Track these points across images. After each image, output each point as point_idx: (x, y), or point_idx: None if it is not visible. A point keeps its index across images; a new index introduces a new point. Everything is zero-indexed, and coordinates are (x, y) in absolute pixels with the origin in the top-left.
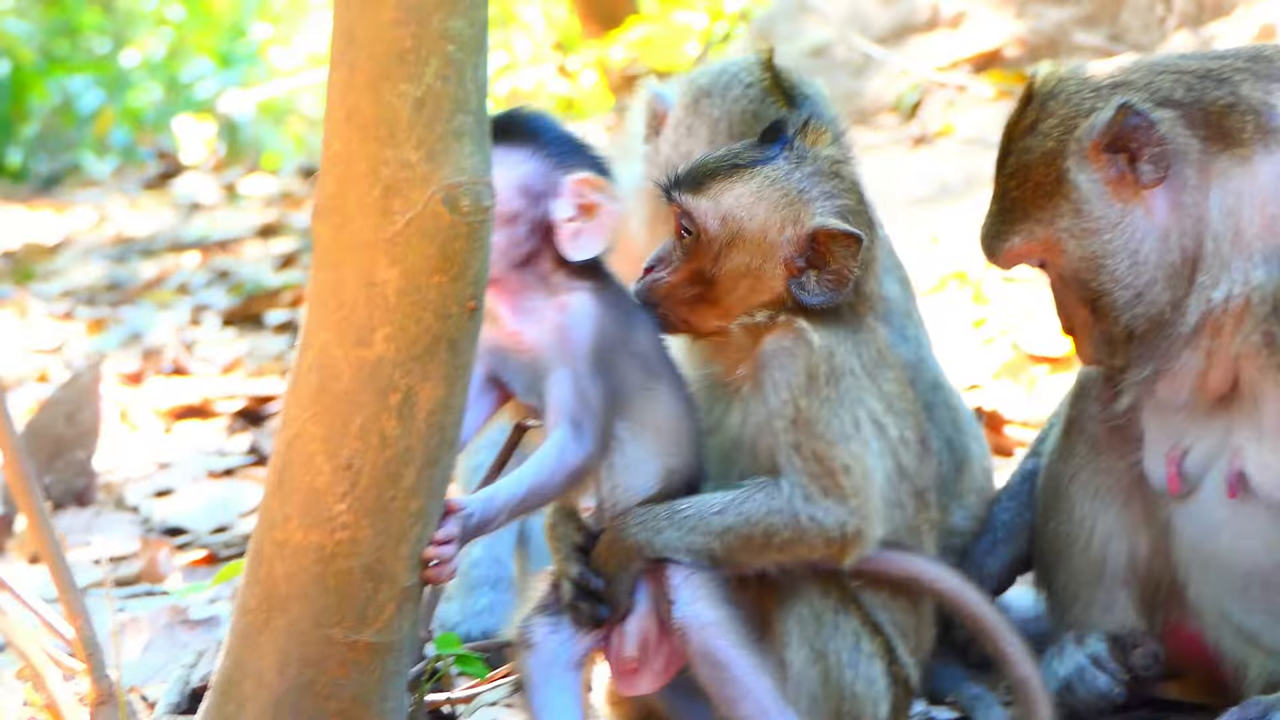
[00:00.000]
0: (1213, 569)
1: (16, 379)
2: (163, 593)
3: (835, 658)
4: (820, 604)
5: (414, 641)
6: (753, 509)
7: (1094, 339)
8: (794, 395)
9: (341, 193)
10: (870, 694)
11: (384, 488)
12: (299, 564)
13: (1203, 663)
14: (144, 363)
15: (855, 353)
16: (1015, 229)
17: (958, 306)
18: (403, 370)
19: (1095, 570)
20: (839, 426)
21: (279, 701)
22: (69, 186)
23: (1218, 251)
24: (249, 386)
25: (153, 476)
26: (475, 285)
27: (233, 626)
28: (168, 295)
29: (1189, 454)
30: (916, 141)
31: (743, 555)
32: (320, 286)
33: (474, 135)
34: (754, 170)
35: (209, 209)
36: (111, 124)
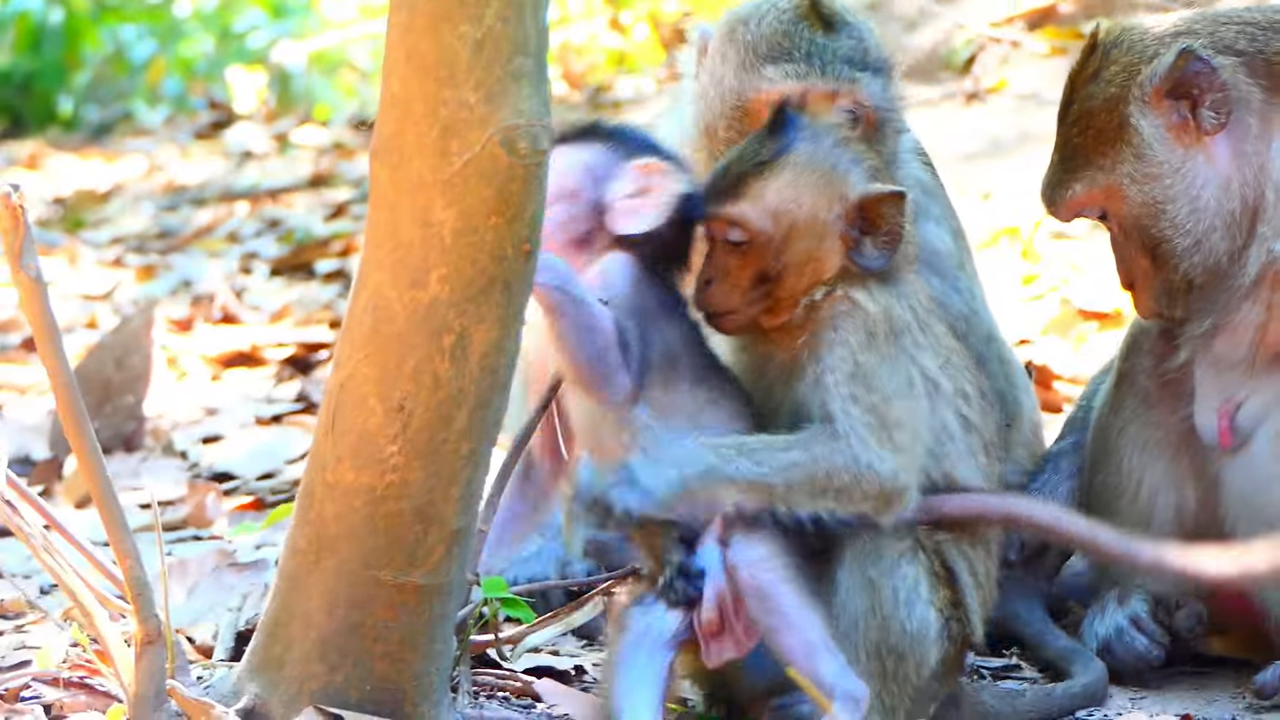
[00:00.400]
0: (1261, 523)
1: (66, 325)
2: (210, 537)
3: (889, 592)
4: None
5: (461, 584)
6: (820, 449)
7: (1154, 290)
8: (853, 352)
9: (400, 133)
10: (920, 637)
11: (435, 430)
12: (349, 505)
13: (1247, 618)
14: (193, 310)
15: (909, 307)
16: (1078, 176)
17: (1008, 262)
18: (457, 311)
19: (1142, 523)
20: (895, 384)
21: (326, 643)
22: (120, 135)
23: (1279, 203)
24: (297, 334)
25: (201, 422)
26: (531, 227)
27: (281, 568)
28: (217, 243)
29: (1242, 408)
30: (970, 97)
31: (799, 496)
32: (376, 227)
33: (532, 78)
34: (782, 160)
35: (260, 158)
36: (163, 74)
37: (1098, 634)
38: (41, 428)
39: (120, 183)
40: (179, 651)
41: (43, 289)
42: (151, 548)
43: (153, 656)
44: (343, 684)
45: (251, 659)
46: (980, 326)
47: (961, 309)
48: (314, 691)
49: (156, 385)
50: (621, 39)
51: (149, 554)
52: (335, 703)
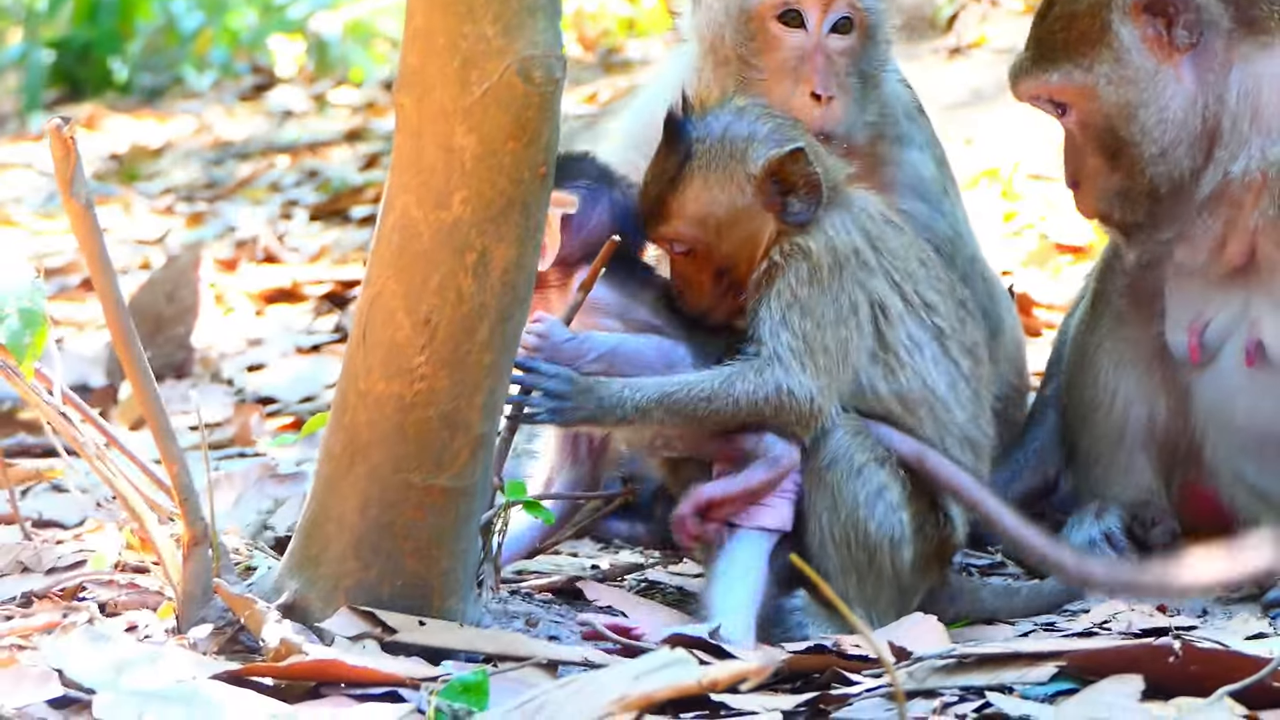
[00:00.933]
0: (1229, 433)
1: (122, 267)
2: (255, 454)
3: (848, 495)
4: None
5: (486, 487)
6: (742, 389)
7: (1105, 191)
8: (791, 286)
9: (423, 65)
10: (887, 537)
11: (460, 341)
12: (380, 412)
13: (1216, 519)
14: (238, 252)
15: (857, 228)
16: (1056, 67)
17: (989, 202)
18: (478, 231)
19: (1116, 433)
20: (833, 312)
21: (360, 541)
22: (171, 98)
23: (1235, 128)
24: (334, 273)
25: (246, 353)
26: (546, 151)
27: (317, 472)
28: (260, 192)
29: (1210, 325)
30: (952, 52)
31: (721, 423)
32: (402, 153)
33: (547, 11)
34: (687, 169)
35: (300, 117)
36: (211, 43)
37: (1072, 544)
38: (99, 359)
39: (171, 140)
40: (224, 552)
41: (93, 215)
42: (200, 464)
43: (199, 557)
44: (375, 580)
45: (291, 558)
46: (964, 248)
47: (946, 232)
48: (349, 587)
49: (204, 319)
50: (631, 6)
51: (197, 469)
52: (369, 597)
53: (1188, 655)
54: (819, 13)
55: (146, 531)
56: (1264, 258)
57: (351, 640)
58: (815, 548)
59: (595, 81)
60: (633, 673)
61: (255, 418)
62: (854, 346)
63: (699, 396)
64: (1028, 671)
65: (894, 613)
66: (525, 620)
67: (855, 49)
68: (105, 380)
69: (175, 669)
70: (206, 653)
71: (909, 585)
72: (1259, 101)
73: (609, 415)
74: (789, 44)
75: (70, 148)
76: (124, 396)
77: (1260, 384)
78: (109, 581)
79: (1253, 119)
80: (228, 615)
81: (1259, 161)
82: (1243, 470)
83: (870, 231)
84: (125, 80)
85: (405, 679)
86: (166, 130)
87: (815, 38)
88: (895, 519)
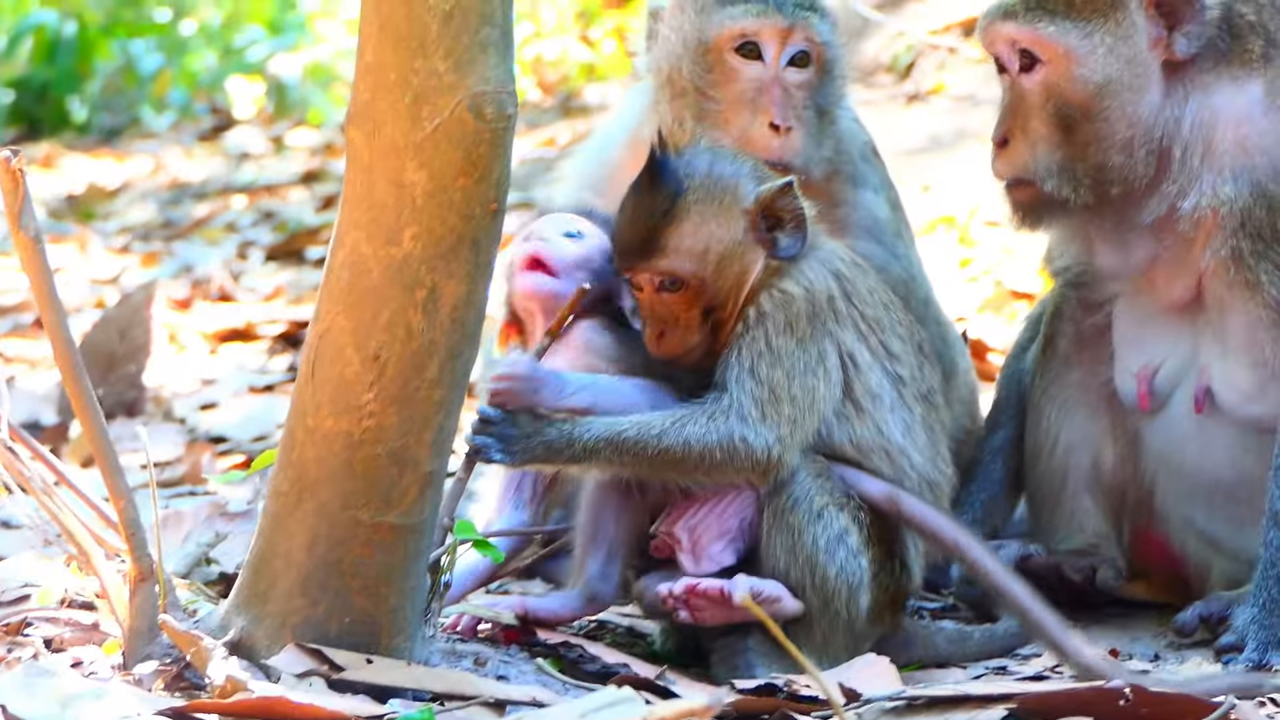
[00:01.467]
0: (1179, 479)
1: (76, 306)
2: (205, 493)
3: (809, 539)
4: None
5: (434, 525)
6: (694, 431)
7: (1040, 159)
8: (767, 334)
9: (374, 100)
10: (845, 583)
11: (409, 378)
12: (329, 449)
13: (1167, 564)
14: (193, 291)
15: (831, 274)
16: (1053, 19)
17: (946, 248)
18: (429, 267)
19: (1059, 478)
20: (802, 361)
21: (307, 578)
22: (129, 138)
23: (1185, 161)
24: (290, 313)
25: (199, 392)
26: (497, 188)
27: (265, 509)
28: (217, 232)
29: (1159, 372)
30: (910, 99)
31: (673, 473)
32: (353, 188)
33: (498, 47)
34: (682, 203)
35: (257, 158)
36: (169, 84)
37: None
38: (51, 397)
39: (128, 180)
40: (170, 589)
41: (42, 248)
42: (149, 501)
43: (146, 593)
44: (323, 617)
45: (238, 594)
46: (918, 290)
47: (900, 274)
48: (296, 624)
49: (158, 358)
50: (591, 52)
51: (146, 506)
52: (316, 634)
53: (1138, 699)
54: (777, 45)
55: (94, 567)
56: (1212, 299)
57: (298, 678)
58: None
59: (554, 125)
60: (579, 711)
61: (206, 456)
62: (820, 396)
63: (649, 435)
64: (978, 715)
65: (846, 658)
66: (474, 660)
67: (812, 83)
68: (57, 418)
69: (120, 705)
70: (152, 689)
71: (862, 632)
72: (1212, 136)
73: (558, 454)
74: (746, 76)
75: (19, 180)
76: (75, 435)
77: (1209, 431)
78: (54, 618)
79: (1204, 154)
80: (174, 652)
81: (1210, 199)
82: (1192, 517)
83: (843, 275)
84: (83, 120)
85: (351, 717)
86: (124, 170)
87: (773, 69)
88: (855, 564)
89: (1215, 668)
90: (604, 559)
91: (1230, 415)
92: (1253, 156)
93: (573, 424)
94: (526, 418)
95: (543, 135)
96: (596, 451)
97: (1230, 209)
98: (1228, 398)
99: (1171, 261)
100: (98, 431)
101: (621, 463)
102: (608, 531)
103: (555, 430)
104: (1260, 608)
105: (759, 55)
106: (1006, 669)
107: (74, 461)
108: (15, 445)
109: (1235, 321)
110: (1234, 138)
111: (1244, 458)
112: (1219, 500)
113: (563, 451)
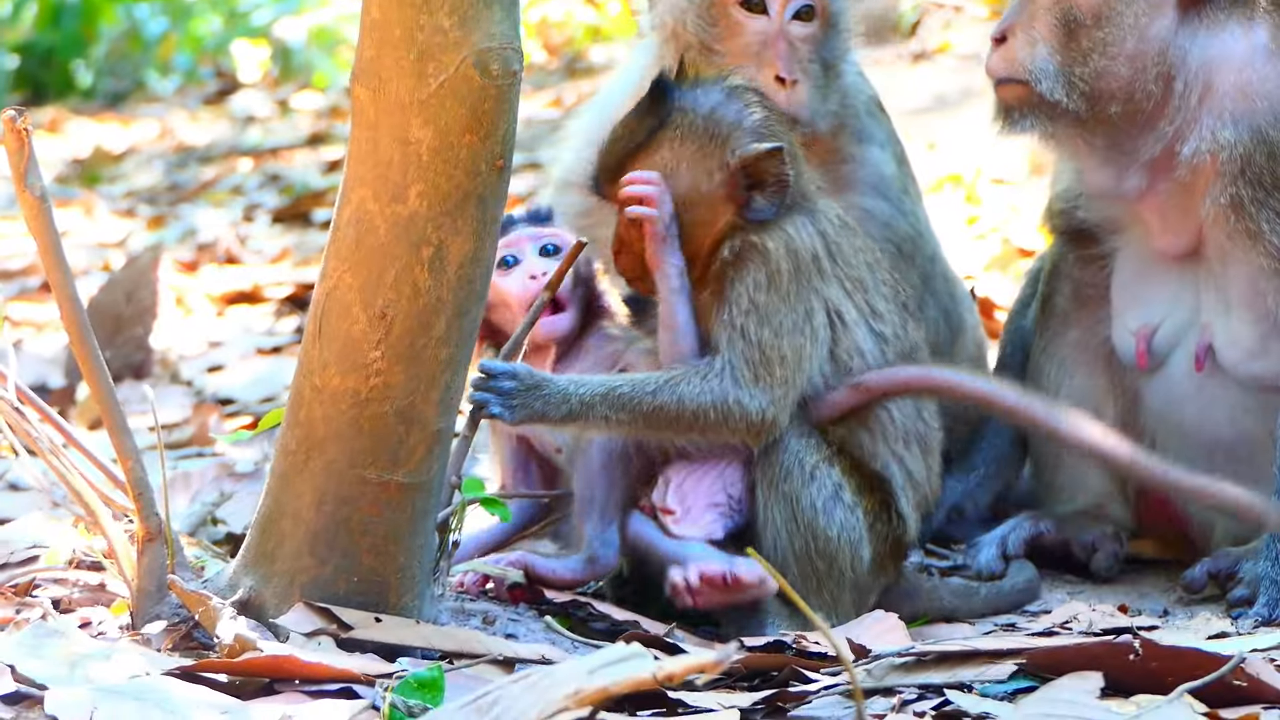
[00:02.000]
0: (1179, 438)
1: (83, 269)
2: (213, 454)
3: (806, 502)
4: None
5: (442, 483)
6: (688, 390)
7: (1038, 58)
8: (749, 291)
9: (379, 57)
10: (845, 539)
11: (416, 336)
12: (336, 408)
13: (1172, 523)
14: (199, 254)
15: (817, 233)
16: None
17: (952, 206)
18: (435, 225)
19: None
20: (790, 320)
21: (315, 537)
22: (134, 102)
23: (1184, 99)
24: (296, 275)
25: (206, 354)
26: (503, 144)
27: (273, 468)
28: (223, 196)
29: (1158, 331)
30: (916, 58)
31: (668, 432)
32: (358, 145)
33: (504, 3)
34: (658, 137)
35: (263, 121)
36: (174, 49)
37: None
38: (58, 360)
39: (134, 145)
40: (178, 548)
41: (48, 207)
42: (156, 462)
43: (154, 553)
44: (331, 576)
45: (246, 554)
46: (925, 247)
47: (907, 231)
48: (304, 584)
49: (165, 321)
50: (596, 14)
51: (154, 467)
52: (324, 593)
53: (1148, 653)
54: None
55: (101, 527)
56: (1213, 250)
57: (307, 636)
58: (774, 561)
59: (559, 86)
60: (587, 667)
61: (214, 418)
62: (808, 355)
63: (644, 391)
64: (987, 669)
65: (854, 614)
66: (482, 618)
67: (817, 36)
68: (64, 381)
69: (129, 665)
70: (160, 649)
71: (867, 585)
72: (1213, 77)
73: (554, 409)
74: (751, 29)
75: (24, 139)
76: (82, 398)
77: (1209, 390)
78: (62, 579)
79: (1204, 95)
80: (182, 611)
81: (1209, 144)
82: None
83: (829, 235)
84: (89, 85)
85: (360, 675)
86: (129, 134)
87: (778, 23)
88: (853, 519)
89: (1224, 622)
90: (602, 525)
91: (1232, 373)
92: (1253, 101)
93: (569, 380)
94: (526, 372)
95: (548, 97)
96: (592, 407)
97: (1230, 154)
98: (1230, 355)
99: (1172, 210)
100: (105, 392)
101: (617, 420)
102: (605, 497)
103: (553, 385)
104: (1272, 562)
105: (764, 9)
106: (1015, 625)
107: (81, 424)
108: (23, 407)
109: (1237, 273)
110: (1235, 81)
111: (1244, 417)
112: (1220, 460)
113: (559, 407)
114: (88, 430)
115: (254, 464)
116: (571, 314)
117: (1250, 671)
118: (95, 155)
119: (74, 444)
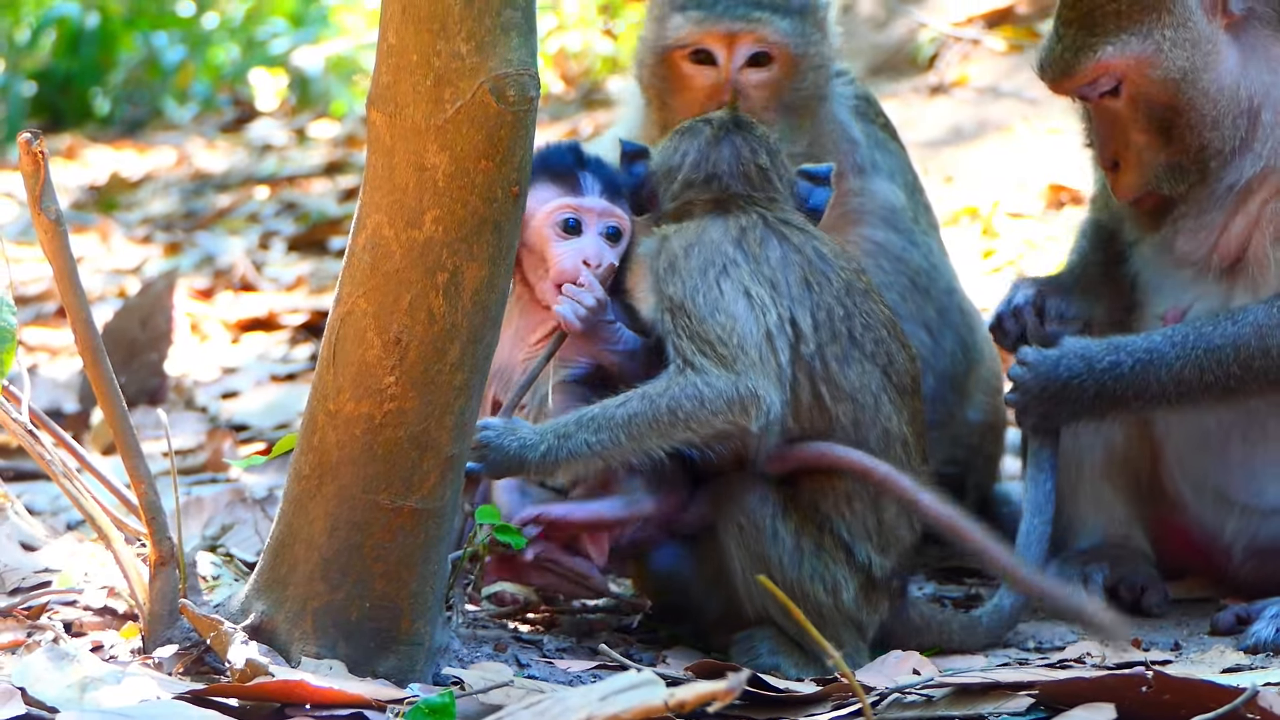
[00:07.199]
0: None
1: (98, 295)
2: (227, 480)
3: (776, 560)
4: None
5: (455, 509)
6: (654, 389)
7: (1151, 167)
8: (660, 284)
9: (396, 83)
10: (824, 585)
11: (430, 362)
12: (350, 433)
13: (1194, 553)
14: (215, 281)
15: (727, 236)
16: (1108, 40)
17: (969, 240)
18: (450, 250)
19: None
20: (709, 300)
21: (328, 563)
22: (151, 130)
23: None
24: (311, 302)
25: (220, 380)
26: (519, 171)
27: (286, 493)
28: (239, 223)
29: (1188, 314)
30: (933, 90)
31: (654, 438)
32: (374, 170)
33: (521, 29)
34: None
35: (280, 149)
36: (192, 77)
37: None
38: (72, 385)
39: (151, 172)
40: (191, 573)
41: (63, 230)
42: (170, 487)
43: (166, 577)
44: (343, 601)
45: (258, 579)
46: (940, 279)
47: (920, 263)
48: (316, 609)
49: (180, 348)
50: (614, 45)
51: (167, 493)
52: (336, 619)
53: (1160, 685)
54: (725, 51)
55: (113, 551)
56: (1254, 252)
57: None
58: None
59: (576, 117)
60: (599, 694)
61: (228, 444)
62: (748, 328)
63: (612, 405)
64: (1004, 703)
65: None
66: (494, 645)
67: (778, 81)
68: (78, 406)
69: (140, 689)
70: (172, 673)
71: (863, 621)
72: None
73: (530, 450)
74: (700, 82)
75: (40, 163)
76: (96, 422)
77: None
78: (74, 602)
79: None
80: (193, 636)
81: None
82: (1206, 472)
83: (747, 244)
84: (106, 112)
85: (371, 700)
86: (146, 162)
87: (726, 73)
88: (820, 565)
89: (1237, 655)
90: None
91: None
92: None
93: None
94: (500, 422)
95: (565, 127)
96: (568, 436)
97: None
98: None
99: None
100: (119, 417)
101: (599, 442)
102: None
103: (525, 427)
104: None
105: (712, 60)
106: (1028, 661)
107: (95, 449)
108: (38, 431)
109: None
110: None
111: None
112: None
113: (536, 447)
114: (101, 455)
115: (267, 490)
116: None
117: (1263, 705)
118: (112, 182)
119: (88, 468)
